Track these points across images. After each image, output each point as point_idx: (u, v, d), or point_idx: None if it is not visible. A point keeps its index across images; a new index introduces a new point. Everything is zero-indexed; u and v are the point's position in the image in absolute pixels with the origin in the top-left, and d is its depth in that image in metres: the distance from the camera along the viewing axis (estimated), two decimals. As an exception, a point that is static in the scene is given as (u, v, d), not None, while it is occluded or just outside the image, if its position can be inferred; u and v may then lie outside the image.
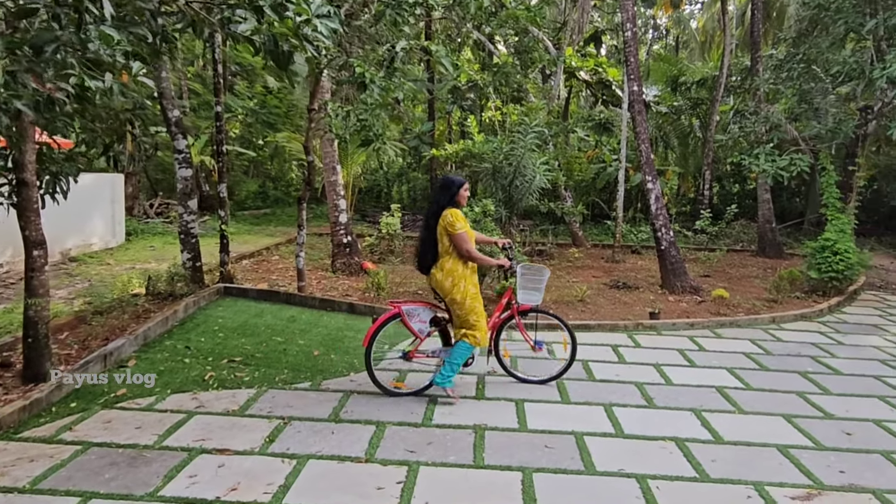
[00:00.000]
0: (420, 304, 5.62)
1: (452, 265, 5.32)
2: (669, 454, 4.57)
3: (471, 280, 5.39)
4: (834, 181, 11.30)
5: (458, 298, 5.32)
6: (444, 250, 5.35)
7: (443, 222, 5.30)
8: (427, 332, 5.55)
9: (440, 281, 5.35)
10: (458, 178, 5.52)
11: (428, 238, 5.40)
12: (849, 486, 4.21)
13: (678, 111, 19.84)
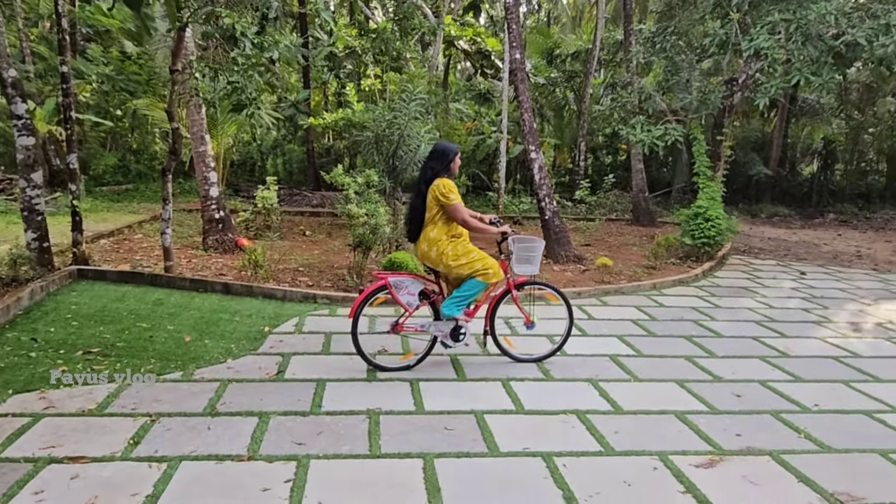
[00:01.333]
0: (408, 275, 5.42)
1: (437, 234, 5.19)
2: (572, 428, 4.41)
3: (457, 241, 5.24)
4: (704, 151, 11.71)
5: (451, 263, 5.19)
6: (430, 219, 5.21)
7: (435, 192, 5.13)
8: (416, 304, 5.32)
9: (426, 252, 5.25)
10: (452, 144, 5.36)
11: (420, 206, 5.24)
12: (746, 449, 4.21)
13: (554, 83, 20.08)
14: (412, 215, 5.34)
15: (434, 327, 5.43)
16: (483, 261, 5.25)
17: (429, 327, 5.44)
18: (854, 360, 6.16)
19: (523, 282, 5.74)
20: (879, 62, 10.92)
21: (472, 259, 5.21)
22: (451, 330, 5.41)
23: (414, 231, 5.36)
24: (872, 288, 9.73)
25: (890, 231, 16.92)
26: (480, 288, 5.28)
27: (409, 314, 5.38)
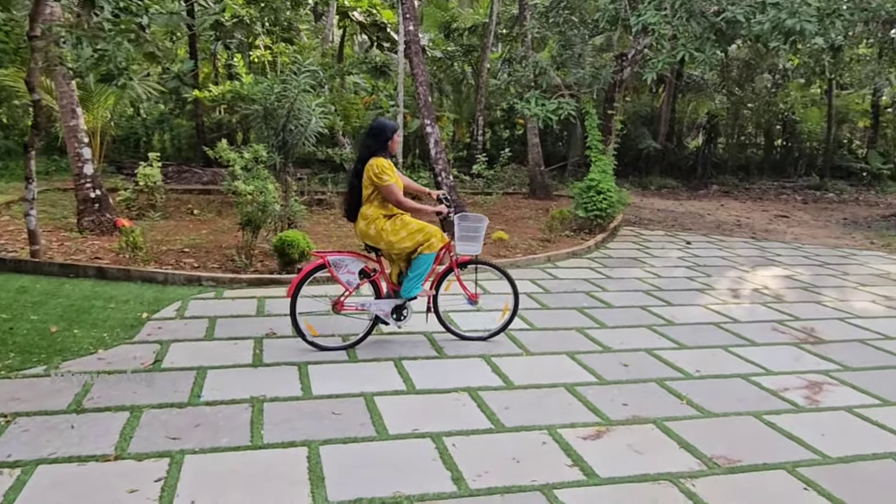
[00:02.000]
0: (348, 254, 5.36)
1: (373, 213, 5.17)
2: (463, 406, 4.36)
3: (396, 218, 5.21)
4: (596, 124, 11.93)
5: (392, 239, 5.18)
6: (366, 197, 5.17)
7: (369, 171, 5.09)
8: (356, 283, 5.29)
9: (364, 230, 5.21)
10: (391, 122, 5.32)
11: (357, 184, 5.20)
12: (632, 418, 4.29)
13: (451, 57, 19.96)
14: (350, 194, 5.30)
15: (375, 306, 5.36)
16: (423, 231, 5.24)
17: (370, 306, 5.37)
18: (733, 326, 6.43)
19: (466, 261, 5.67)
20: (756, 39, 11.41)
21: (411, 231, 5.20)
22: (392, 308, 5.36)
23: (352, 210, 5.31)
24: (750, 255, 10.24)
25: (766, 201, 17.92)
26: (431, 259, 5.29)
27: (349, 293, 5.30)
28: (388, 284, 5.45)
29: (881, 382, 5.05)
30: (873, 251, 11.03)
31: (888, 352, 5.81)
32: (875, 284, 8.48)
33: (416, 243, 5.23)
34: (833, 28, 10.25)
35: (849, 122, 23.87)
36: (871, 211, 16.53)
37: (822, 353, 5.72)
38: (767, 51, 14.29)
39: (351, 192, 5.30)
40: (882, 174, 21.48)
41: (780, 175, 22.41)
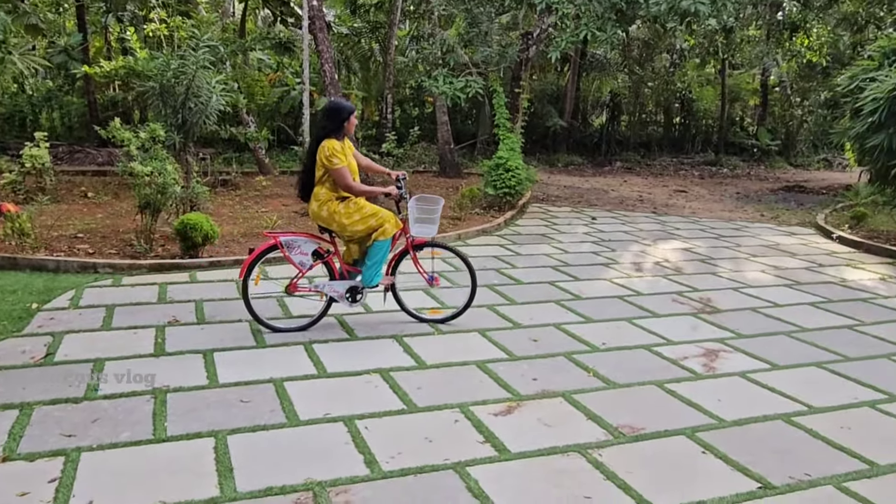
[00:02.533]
0: (301, 234, 5.33)
1: (326, 194, 5.12)
2: (375, 388, 4.34)
3: (350, 201, 5.16)
4: (504, 103, 12.04)
5: (344, 222, 5.13)
6: (318, 179, 5.13)
7: (321, 153, 5.02)
8: (309, 264, 5.24)
9: (316, 212, 5.17)
10: (347, 103, 5.23)
11: (311, 165, 5.15)
12: (542, 392, 4.38)
13: (358, 34, 19.65)
14: (303, 174, 5.27)
15: (329, 287, 5.31)
16: (376, 216, 5.19)
17: (323, 287, 5.33)
18: (636, 298, 6.67)
19: (422, 242, 5.62)
20: (655, 20, 11.76)
21: (365, 215, 5.16)
22: (347, 290, 5.30)
23: (305, 190, 5.28)
24: (652, 230, 10.63)
25: (666, 177, 18.64)
26: (386, 246, 5.28)
27: (302, 274, 5.27)
28: (342, 265, 5.40)
29: (771, 348, 5.35)
30: (763, 223, 11.66)
31: (777, 318, 6.17)
32: (765, 255, 8.98)
33: (368, 227, 5.19)
34: (725, 10, 10.70)
35: (740, 101, 25.08)
36: (761, 185, 17.47)
37: (717, 321, 6.02)
38: (665, 31, 14.78)
39: (304, 172, 5.25)
40: (771, 150, 22.72)
41: (679, 151, 23.35)
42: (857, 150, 9.51)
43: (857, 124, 9.08)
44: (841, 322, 6.12)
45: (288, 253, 5.18)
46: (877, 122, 8.63)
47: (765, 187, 17.02)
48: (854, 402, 4.39)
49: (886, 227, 10.81)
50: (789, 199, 14.73)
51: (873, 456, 3.67)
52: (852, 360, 5.15)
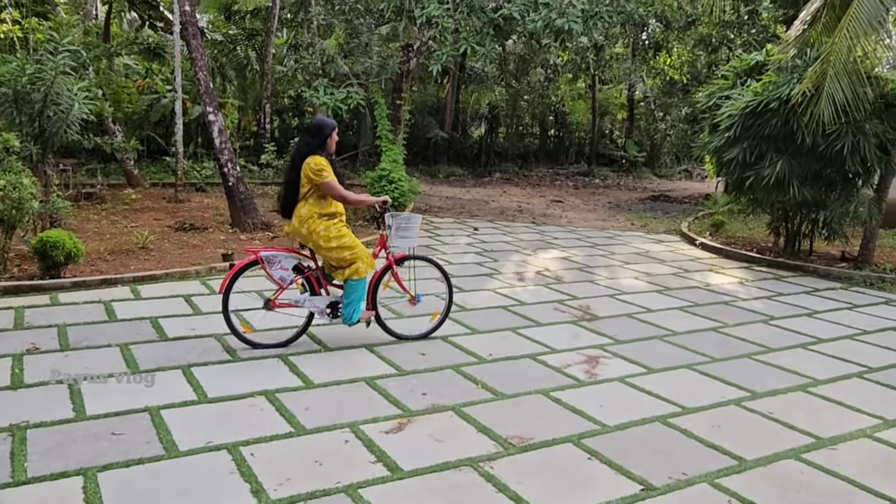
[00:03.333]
0: (281, 250, 5.33)
1: (308, 211, 5.09)
2: (261, 411, 4.18)
3: (331, 223, 5.12)
4: (385, 114, 12.04)
5: (321, 244, 5.11)
6: (302, 195, 5.10)
7: (307, 169, 5.01)
8: (290, 279, 5.26)
9: (297, 228, 5.14)
10: (329, 120, 5.27)
11: (292, 181, 5.12)
12: (432, 406, 4.38)
13: (234, 41, 19.05)
14: (286, 191, 5.19)
15: (310, 302, 5.30)
16: (351, 250, 5.17)
17: (304, 302, 5.31)
18: (520, 308, 6.82)
19: (403, 256, 5.69)
20: (531, 36, 12.15)
21: (342, 244, 5.13)
22: (327, 304, 5.31)
23: (287, 208, 5.21)
24: (532, 239, 10.95)
25: (543, 187, 19.29)
26: (362, 285, 5.28)
27: (282, 290, 5.26)
28: (323, 281, 5.38)
29: (646, 352, 5.62)
30: (634, 231, 12.30)
31: (651, 323, 6.49)
32: (637, 262, 9.46)
33: (340, 259, 5.17)
34: (595, 29, 11.23)
35: (610, 115, 26.44)
36: (630, 195, 18.44)
37: (597, 328, 6.26)
38: (540, 47, 15.30)
39: (288, 186, 5.18)
40: (638, 161, 24.05)
41: (555, 162, 24.26)
42: (716, 163, 10.21)
43: (715, 139, 9.75)
44: (707, 325, 6.53)
45: (268, 268, 5.18)
46: (732, 136, 9.30)
47: (634, 197, 17.96)
48: (722, 401, 4.68)
49: (742, 234, 11.69)
50: (656, 208, 15.62)
51: (741, 451, 3.92)
52: (718, 361, 5.49)
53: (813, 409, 4.60)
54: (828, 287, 8.37)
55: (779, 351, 5.81)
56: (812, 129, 8.34)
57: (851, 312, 7.23)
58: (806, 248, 10.08)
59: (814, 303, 7.56)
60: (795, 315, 7.01)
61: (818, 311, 7.19)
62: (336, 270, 5.29)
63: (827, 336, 6.31)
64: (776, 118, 8.79)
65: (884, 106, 8.88)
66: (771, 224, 10.50)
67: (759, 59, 10.54)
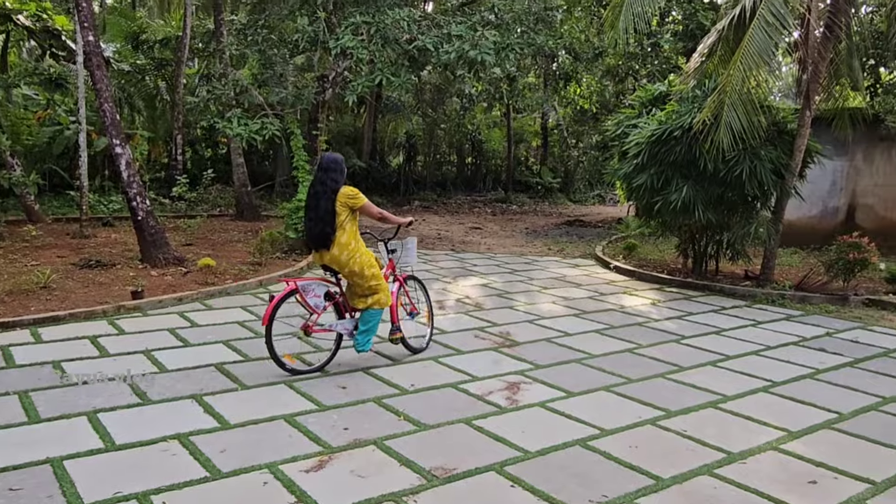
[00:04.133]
0: (313, 279, 5.70)
1: (347, 239, 5.47)
2: (173, 456, 4.00)
3: (363, 250, 5.62)
4: (302, 145, 11.92)
5: (356, 269, 5.54)
6: (339, 224, 5.45)
7: (342, 199, 5.46)
8: (323, 306, 5.59)
9: (336, 256, 5.48)
10: (339, 155, 5.74)
11: (327, 215, 5.42)
12: (354, 441, 4.30)
13: (142, 71, 18.54)
14: (322, 225, 5.43)
15: (340, 325, 5.69)
16: (378, 280, 5.68)
17: (335, 326, 5.68)
18: (441, 337, 6.83)
19: (407, 276, 6.35)
20: (445, 67, 12.35)
21: (374, 273, 5.63)
22: (354, 326, 5.69)
23: (325, 239, 5.43)
24: (452, 267, 11.02)
25: (462, 214, 19.50)
26: (380, 315, 5.75)
27: (317, 316, 5.57)
28: (348, 305, 5.75)
29: (565, 376, 5.72)
30: (551, 256, 12.56)
31: (569, 347, 6.62)
32: (555, 287, 9.65)
33: (368, 287, 5.63)
34: (507, 60, 11.53)
35: (525, 142, 27.09)
36: (546, 220, 18.86)
37: (517, 354, 6.33)
38: (455, 77, 15.57)
39: (323, 223, 5.42)
40: (553, 187, 24.68)
41: (473, 190, 24.60)
42: (626, 188, 10.59)
43: (625, 165, 10.13)
44: (622, 346, 6.71)
45: (305, 297, 5.48)
46: (640, 163, 9.68)
47: (550, 222, 18.38)
48: (639, 421, 4.80)
49: (653, 256, 12.12)
50: (571, 233, 16.03)
51: (658, 471, 4.02)
52: (634, 382, 5.65)
53: (723, 425, 4.78)
54: (733, 305, 8.77)
55: (690, 369, 6.03)
56: (713, 156, 8.78)
57: (756, 329, 7.58)
58: (712, 268, 10.54)
59: (721, 321, 7.89)
60: (704, 333, 7.30)
61: (725, 329, 7.51)
62: (359, 298, 5.70)
63: (734, 353, 6.59)
64: (680, 145, 9.22)
65: (776, 133, 9.47)
66: (679, 246, 10.94)
67: (663, 89, 11.07)
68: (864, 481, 3.98)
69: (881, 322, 8.05)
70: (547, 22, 13.33)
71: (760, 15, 8.34)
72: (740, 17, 8.73)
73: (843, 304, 8.81)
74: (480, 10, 12.20)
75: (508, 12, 12.03)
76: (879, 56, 14.64)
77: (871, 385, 5.75)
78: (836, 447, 4.47)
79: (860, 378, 5.94)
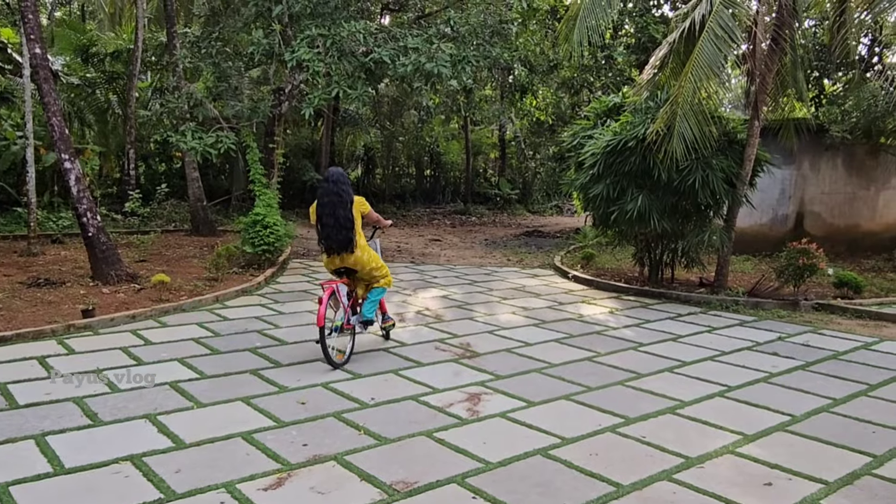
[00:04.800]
0: (340, 281, 6.28)
1: (363, 242, 6.33)
2: (126, 479, 3.88)
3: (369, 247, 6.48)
4: (258, 158, 11.80)
5: (373, 265, 6.40)
6: (357, 230, 6.18)
7: (360, 207, 6.27)
8: (348, 303, 6.29)
9: (360, 257, 6.23)
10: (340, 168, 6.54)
11: (348, 222, 6.05)
12: (313, 458, 4.24)
13: (92, 84, 18.15)
14: (347, 230, 6.05)
15: (355, 319, 6.39)
16: (385, 268, 6.57)
17: (353, 320, 6.36)
18: (401, 349, 6.79)
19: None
20: (402, 79, 12.37)
21: (380, 265, 6.51)
22: (363, 321, 6.46)
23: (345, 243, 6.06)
24: (412, 279, 10.99)
25: (421, 226, 19.50)
26: (384, 292, 6.63)
27: (348, 313, 6.28)
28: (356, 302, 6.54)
29: (526, 386, 5.74)
30: (510, 267, 12.62)
31: (529, 357, 6.65)
32: (514, 297, 9.70)
33: (377, 277, 6.48)
34: (464, 73, 11.58)
35: (483, 154, 27.25)
36: (505, 231, 18.97)
37: (477, 365, 6.33)
38: (412, 90, 15.58)
39: (346, 230, 6.04)
40: (511, 198, 24.86)
41: (432, 202, 24.62)
42: (582, 199, 10.73)
43: (581, 176, 10.27)
44: (582, 355, 6.76)
45: (341, 297, 6.17)
46: (596, 174, 9.82)
47: (509, 233, 18.49)
48: (599, 429, 4.83)
49: (611, 265, 12.28)
50: (530, 244, 16.15)
51: (618, 477, 4.05)
52: (594, 390, 5.69)
53: (681, 430, 4.85)
54: (689, 312, 8.92)
55: (648, 376, 6.10)
56: (667, 166, 8.96)
57: (711, 335, 7.72)
58: (668, 276, 10.72)
59: (677, 328, 8.02)
60: (662, 340, 7.41)
61: (682, 336, 7.63)
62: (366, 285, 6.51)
63: (690, 359, 6.70)
64: (634, 156, 9.38)
65: (727, 143, 9.71)
66: (636, 255, 11.10)
67: (617, 100, 11.26)
68: (817, 481, 4.07)
69: (830, 325, 8.27)
70: (502, 35, 13.45)
71: (709, 28, 8.56)
72: (690, 30, 8.94)
73: (794, 308, 9.03)
74: (436, 24, 12.25)
75: (464, 25, 12.09)
76: (823, 68, 15.16)
77: (823, 387, 5.89)
78: (789, 449, 4.56)
79: (812, 381, 6.08)
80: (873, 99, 12.08)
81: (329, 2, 11.56)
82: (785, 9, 9.24)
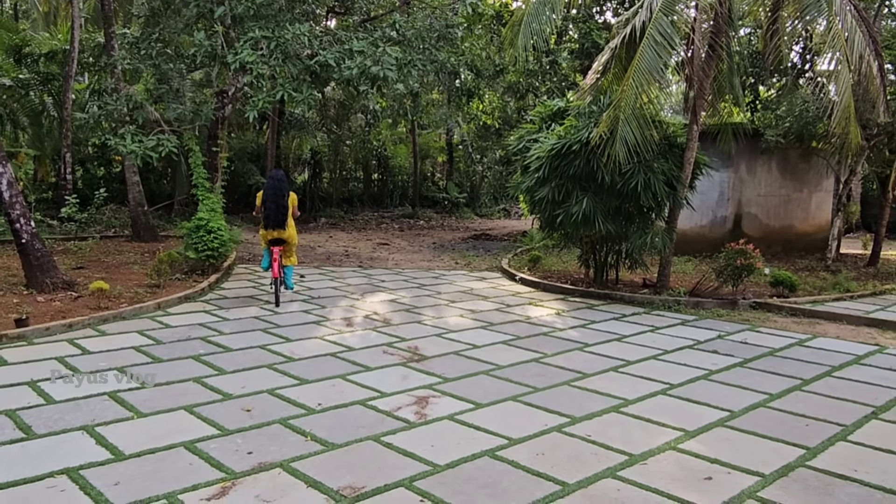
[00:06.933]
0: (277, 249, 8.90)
1: (292, 222, 9.11)
2: (61, 493, 3.76)
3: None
4: (201, 162, 11.57)
5: (295, 240, 9.30)
6: (290, 214, 9.02)
7: (294, 199, 9.16)
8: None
9: (292, 234, 9.12)
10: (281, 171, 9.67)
11: (284, 209, 8.90)
12: (258, 466, 4.17)
13: (26, 86, 17.52)
14: (284, 213, 8.90)
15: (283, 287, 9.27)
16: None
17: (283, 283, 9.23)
18: (349, 354, 6.74)
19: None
20: (348, 83, 12.31)
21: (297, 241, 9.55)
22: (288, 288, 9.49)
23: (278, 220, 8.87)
24: (360, 283, 10.93)
25: (370, 230, 19.42)
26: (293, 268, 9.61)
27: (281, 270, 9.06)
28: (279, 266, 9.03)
29: (474, 388, 5.76)
30: (458, 270, 12.67)
31: (477, 359, 6.68)
32: (462, 300, 9.73)
33: (292, 254, 9.42)
34: (410, 76, 11.60)
35: (430, 158, 27.32)
36: (454, 234, 19.04)
37: (425, 368, 6.32)
38: (359, 93, 15.51)
39: (280, 210, 8.88)
40: (459, 202, 24.98)
41: (380, 206, 24.55)
42: (529, 202, 10.85)
43: (527, 179, 10.38)
44: (529, 356, 6.83)
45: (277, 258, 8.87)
46: (541, 177, 9.94)
47: (457, 236, 18.57)
48: (545, 429, 4.88)
49: (557, 267, 12.44)
50: (478, 247, 16.24)
51: (564, 476, 4.11)
52: (541, 391, 5.75)
53: (625, 428, 4.94)
54: (633, 312, 9.11)
55: (593, 376, 6.20)
56: (610, 169, 9.12)
57: (654, 334, 7.90)
58: (613, 277, 10.92)
59: (622, 328, 8.18)
60: (607, 341, 7.54)
61: (626, 336, 7.78)
62: (289, 258, 9.28)
63: (634, 358, 6.83)
64: (579, 159, 9.53)
65: (668, 147, 9.95)
66: (581, 257, 11.27)
67: (561, 104, 11.42)
68: (754, 474, 4.19)
69: (767, 323, 8.55)
70: (448, 39, 13.49)
71: (649, 34, 8.76)
72: (631, 36, 9.14)
73: (733, 307, 9.31)
74: (382, 27, 12.20)
75: (410, 29, 12.09)
76: (758, 74, 15.69)
77: (760, 383, 6.08)
78: (729, 444, 4.69)
79: (750, 377, 6.27)
80: (805, 104, 12.54)
81: (273, 4, 11.42)
82: (721, 17, 9.53)
